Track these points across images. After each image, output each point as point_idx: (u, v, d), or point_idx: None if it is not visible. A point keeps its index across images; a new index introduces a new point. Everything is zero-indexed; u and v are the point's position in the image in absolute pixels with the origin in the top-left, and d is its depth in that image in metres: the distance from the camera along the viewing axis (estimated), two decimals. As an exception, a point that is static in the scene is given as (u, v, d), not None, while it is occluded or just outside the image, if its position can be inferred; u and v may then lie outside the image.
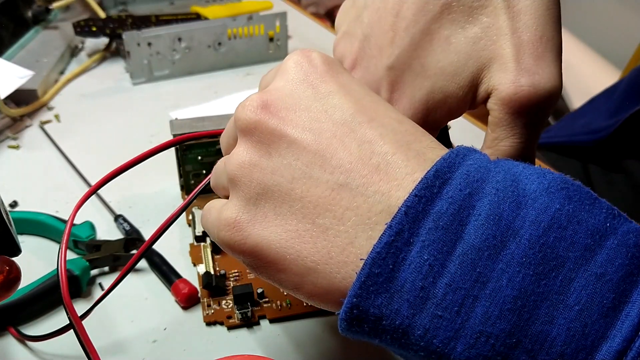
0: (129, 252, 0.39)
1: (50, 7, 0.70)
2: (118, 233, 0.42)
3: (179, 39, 0.63)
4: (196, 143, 0.42)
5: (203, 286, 0.36)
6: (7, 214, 0.27)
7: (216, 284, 0.36)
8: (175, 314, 0.36)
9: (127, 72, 0.64)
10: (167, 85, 0.64)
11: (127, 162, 0.29)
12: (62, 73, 0.65)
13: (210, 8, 0.72)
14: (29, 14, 0.69)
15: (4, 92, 0.53)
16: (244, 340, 0.34)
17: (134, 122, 0.56)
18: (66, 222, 0.28)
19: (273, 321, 0.35)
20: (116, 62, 0.68)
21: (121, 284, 0.30)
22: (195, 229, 0.40)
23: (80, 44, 0.71)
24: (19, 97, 0.56)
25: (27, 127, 0.55)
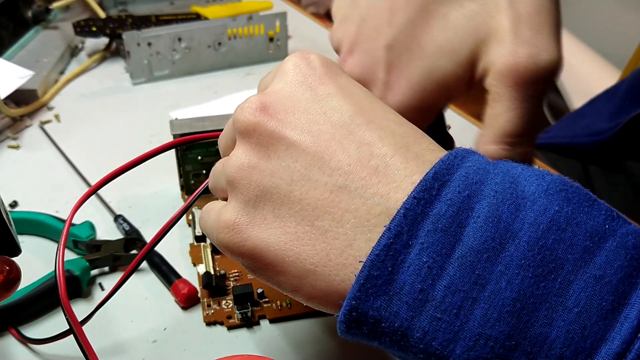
0: (129, 252, 0.39)
1: (50, 7, 0.70)
2: (118, 233, 0.42)
3: (179, 39, 0.63)
4: (196, 143, 0.42)
5: (203, 286, 0.36)
6: (7, 214, 0.27)
7: (216, 284, 0.36)
8: (175, 314, 0.36)
9: (127, 72, 0.64)
10: (167, 85, 0.64)
11: (127, 163, 0.29)
12: (62, 73, 0.65)
13: (210, 8, 0.72)
14: (29, 14, 0.69)
15: (4, 92, 0.53)
16: (244, 340, 0.34)
17: (134, 122, 0.56)
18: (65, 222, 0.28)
19: (273, 321, 0.35)
20: (116, 62, 0.68)
21: (121, 284, 0.30)
22: (195, 229, 0.40)
23: (80, 44, 0.71)
24: (19, 97, 0.56)
25: (27, 127, 0.55)
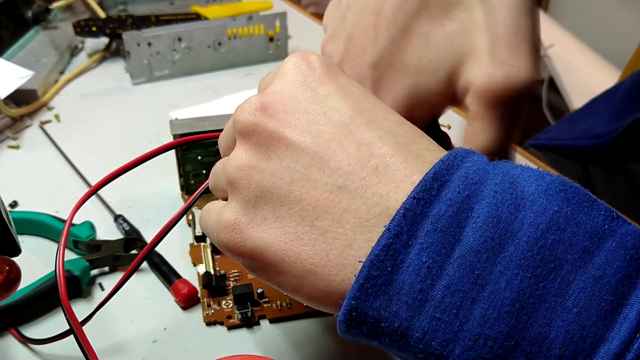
0: (129, 252, 0.39)
1: (50, 7, 0.70)
2: (118, 233, 0.42)
3: (179, 39, 0.63)
4: (196, 143, 0.42)
5: (203, 286, 0.36)
6: (7, 214, 0.27)
7: (216, 284, 0.36)
8: (175, 314, 0.36)
9: (127, 72, 0.64)
10: (167, 85, 0.64)
11: (128, 164, 0.29)
12: (62, 73, 0.65)
13: (210, 8, 0.72)
14: (29, 14, 0.69)
15: (4, 92, 0.53)
16: (244, 340, 0.34)
17: (134, 122, 0.56)
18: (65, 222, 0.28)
19: (273, 321, 0.35)
20: (116, 62, 0.68)
21: (121, 284, 0.30)
22: (195, 229, 0.40)
23: (80, 44, 0.71)
24: (19, 97, 0.56)
25: (27, 127, 0.55)
